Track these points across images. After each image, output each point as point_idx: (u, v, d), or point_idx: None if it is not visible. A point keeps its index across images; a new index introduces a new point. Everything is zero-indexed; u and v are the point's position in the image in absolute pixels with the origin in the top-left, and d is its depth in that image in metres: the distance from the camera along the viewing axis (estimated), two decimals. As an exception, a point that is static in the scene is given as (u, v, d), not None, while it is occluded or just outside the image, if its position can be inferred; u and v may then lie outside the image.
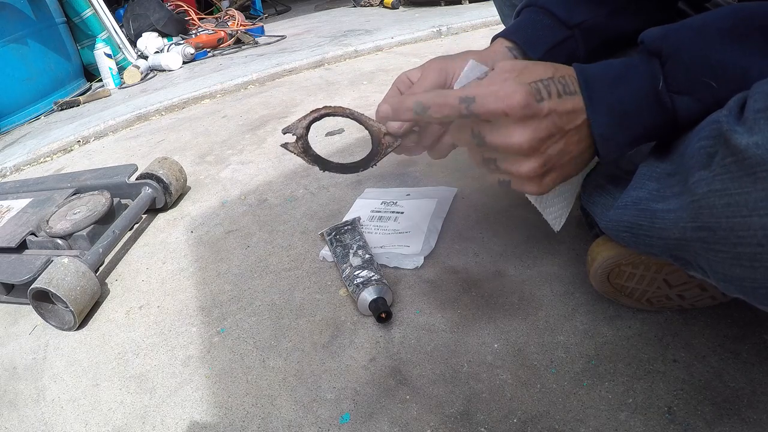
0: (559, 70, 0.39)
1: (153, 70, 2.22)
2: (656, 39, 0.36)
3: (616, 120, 0.38)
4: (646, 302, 0.50)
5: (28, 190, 0.98)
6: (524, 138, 0.37)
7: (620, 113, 0.38)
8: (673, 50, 0.36)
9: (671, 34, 0.36)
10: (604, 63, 0.39)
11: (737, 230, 0.28)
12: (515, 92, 0.36)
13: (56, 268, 0.67)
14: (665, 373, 0.46)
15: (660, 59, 0.36)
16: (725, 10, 0.35)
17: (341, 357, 0.54)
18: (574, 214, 0.69)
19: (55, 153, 1.47)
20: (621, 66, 0.39)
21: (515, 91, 0.36)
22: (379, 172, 0.91)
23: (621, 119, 0.38)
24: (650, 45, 0.37)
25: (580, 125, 0.39)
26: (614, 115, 0.38)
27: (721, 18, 0.35)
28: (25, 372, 0.63)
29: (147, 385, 0.57)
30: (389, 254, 0.66)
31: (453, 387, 0.48)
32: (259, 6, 3.43)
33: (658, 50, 0.36)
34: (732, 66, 0.34)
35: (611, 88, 0.38)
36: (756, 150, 0.27)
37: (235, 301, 0.67)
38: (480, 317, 0.56)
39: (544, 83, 0.37)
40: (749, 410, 0.41)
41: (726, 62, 0.34)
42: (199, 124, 1.44)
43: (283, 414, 0.50)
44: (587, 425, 0.43)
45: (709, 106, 0.34)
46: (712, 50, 0.34)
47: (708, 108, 0.34)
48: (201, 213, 0.92)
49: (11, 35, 1.85)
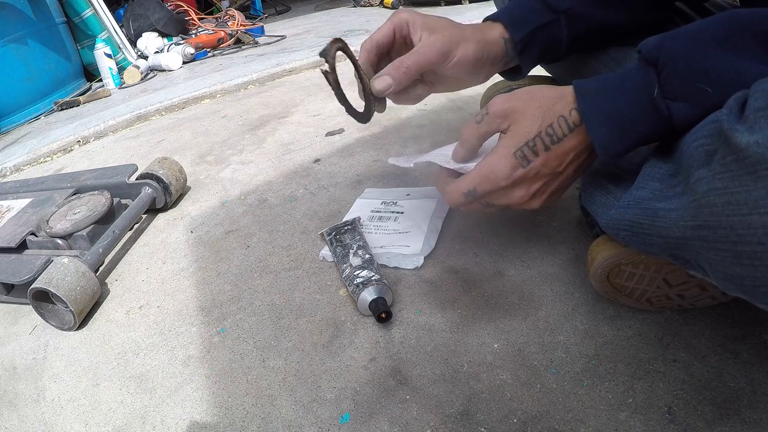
0: (550, 114, 0.42)
1: (153, 70, 2.23)
2: (652, 48, 0.37)
3: (613, 129, 0.40)
4: (646, 302, 0.50)
5: (28, 190, 0.98)
6: (522, 194, 0.45)
7: (617, 122, 0.40)
8: (669, 58, 0.37)
9: (666, 43, 0.37)
10: (603, 76, 0.41)
11: (737, 229, 0.28)
12: (502, 168, 0.44)
13: (56, 268, 0.67)
14: (665, 373, 0.46)
15: (656, 68, 0.37)
16: (720, 17, 0.36)
17: (341, 357, 0.54)
18: (574, 214, 0.69)
19: (55, 153, 1.47)
20: (617, 77, 0.40)
21: (502, 167, 0.44)
22: (380, 172, 0.91)
23: (619, 128, 0.40)
24: (647, 54, 0.38)
25: (578, 154, 0.44)
26: (612, 125, 0.40)
27: (716, 25, 0.36)
28: (25, 372, 0.63)
29: (147, 385, 0.57)
30: (389, 254, 0.66)
31: (453, 387, 0.48)
32: (259, 6, 3.43)
33: (655, 59, 0.37)
34: (727, 71, 0.34)
35: (607, 100, 0.40)
36: (756, 149, 0.27)
37: (235, 301, 0.67)
38: (480, 317, 0.56)
39: (529, 145, 0.43)
40: (749, 410, 0.41)
41: (721, 68, 0.35)
42: (199, 124, 1.44)
43: (283, 414, 0.50)
44: (587, 425, 0.43)
45: (705, 111, 0.35)
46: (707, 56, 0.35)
47: (704, 113, 0.34)
48: (201, 213, 0.92)
49: (11, 35, 1.85)
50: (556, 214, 0.70)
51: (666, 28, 0.58)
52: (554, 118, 0.42)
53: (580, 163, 0.45)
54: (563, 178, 0.46)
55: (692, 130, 0.35)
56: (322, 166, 0.99)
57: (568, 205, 0.71)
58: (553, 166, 0.44)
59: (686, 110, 0.36)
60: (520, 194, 0.45)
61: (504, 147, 0.44)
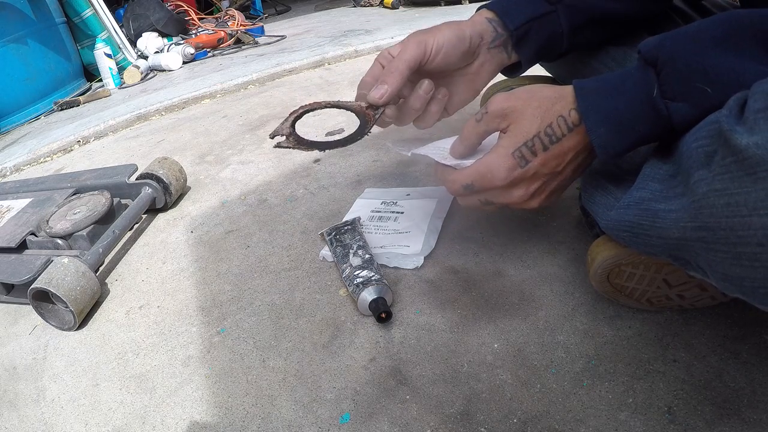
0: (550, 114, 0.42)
1: (153, 70, 2.22)
2: (651, 48, 0.38)
3: (612, 129, 0.40)
4: (646, 302, 0.50)
5: (28, 190, 0.98)
6: (520, 193, 0.45)
7: (616, 122, 0.40)
8: (669, 58, 0.37)
9: (666, 43, 0.37)
10: (602, 76, 0.41)
11: (737, 230, 0.28)
12: (500, 168, 0.44)
13: (56, 268, 0.67)
14: (665, 373, 0.46)
15: (656, 68, 0.38)
16: (719, 17, 0.36)
17: (341, 357, 0.54)
18: (574, 214, 0.69)
19: (55, 153, 1.47)
20: (617, 77, 0.41)
21: (500, 167, 0.44)
22: (380, 172, 0.91)
23: (618, 127, 0.40)
24: (646, 54, 0.38)
25: (576, 154, 0.44)
26: (610, 124, 0.40)
27: (715, 25, 0.36)
28: (25, 372, 0.63)
29: (147, 385, 0.57)
30: (389, 254, 0.66)
31: (453, 387, 0.48)
32: (259, 6, 3.43)
33: (654, 59, 0.38)
34: (726, 71, 0.35)
35: (607, 99, 0.40)
36: (756, 150, 0.27)
37: (235, 301, 0.67)
38: (480, 317, 0.56)
39: (528, 145, 0.43)
40: (749, 410, 0.41)
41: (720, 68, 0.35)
42: (199, 124, 1.44)
43: (283, 414, 0.50)
44: (587, 425, 0.43)
45: (704, 111, 0.35)
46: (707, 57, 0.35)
47: (703, 113, 0.35)
48: (201, 213, 0.92)
49: (11, 35, 1.85)
50: (556, 214, 0.70)
51: (666, 25, 0.58)
52: (553, 118, 0.42)
53: (579, 162, 0.45)
54: (562, 178, 0.46)
55: (692, 131, 0.35)
56: (322, 166, 0.99)
57: (568, 205, 0.71)
58: (552, 166, 0.44)
59: (685, 110, 0.37)
60: (518, 194, 0.45)
61: (503, 147, 0.44)
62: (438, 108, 0.54)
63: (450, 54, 0.51)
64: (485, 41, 0.53)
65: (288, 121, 0.50)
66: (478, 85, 0.56)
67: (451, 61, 0.52)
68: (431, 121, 0.55)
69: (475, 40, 0.52)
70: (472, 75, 0.55)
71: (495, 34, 0.52)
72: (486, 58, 0.54)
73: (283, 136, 0.49)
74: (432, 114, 0.54)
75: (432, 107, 0.54)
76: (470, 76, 0.55)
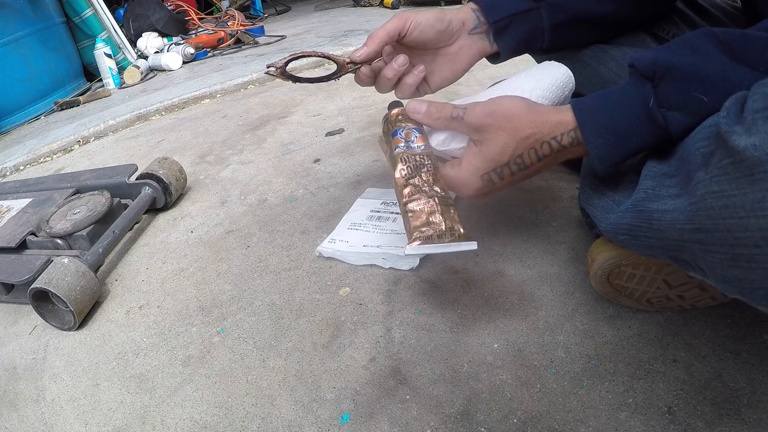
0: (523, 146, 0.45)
1: (153, 70, 2.22)
2: (648, 64, 0.39)
3: (610, 140, 0.41)
4: (646, 303, 0.50)
5: (28, 190, 0.98)
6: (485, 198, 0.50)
7: (614, 133, 0.41)
8: (665, 71, 0.38)
9: (661, 56, 0.38)
10: (599, 92, 0.43)
11: (735, 232, 0.28)
12: (469, 187, 0.49)
13: (56, 268, 0.67)
14: (665, 373, 0.46)
15: (652, 82, 0.39)
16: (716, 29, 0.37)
17: (341, 357, 0.54)
18: (574, 214, 0.69)
19: (55, 153, 1.47)
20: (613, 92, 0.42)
21: (469, 186, 0.49)
22: (380, 172, 0.91)
23: (615, 139, 0.41)
24: (642, 69, 0.39)
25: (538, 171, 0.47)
26: (608, 136, 0.41)
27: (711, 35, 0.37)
28: (25, 372, 0.63)
29: (147, 385, 0.57)
30: (386, 255, 0.66)
31: (453, 387, 0.48)
32: (259, 6, 3.43)
33: (651, 74, 0.39)
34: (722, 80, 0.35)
35: (604, 112, 0.41)
36: (754, 151, 0.27)
37: (235, 301, 0.67)
38: (480, 317, 0.56)
39: (497, 171, 0.47)
40: (749, 410, 0.41)
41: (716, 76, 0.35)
42: (199, 124, 1.44)
43: (283, 414, 0.50)
44: (587, 425, 0.43)
45: (700, 119, 0.36)
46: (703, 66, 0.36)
47: (700, 121, 0.35)
48: (201, 213, 0.92)
49: (11, 35, 1.85)
50: (556, 214, 0.70)
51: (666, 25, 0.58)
52: (525, 150, 0.45)
53: None
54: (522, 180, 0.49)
55: (692, 134, 0.35)
56: (322, 166, 0.99)
57: (568, 205, 0.71)
58: (517, 181, 0.48)
59: (683, 119, 0.38)
60: (483, 198, 0.51)
61: (473, 166, 0.48)
62: (413, 81, 0.58)
63: (426, 31, 0.55)
64: (466, 27, 0.56)
65: (283, 60, 0.56)
66: (458, 67, 0.59)
67: (428, 38, 0.56)
68: (408, 92, 0.59)
69: (455, 24, 0.55)
70: (452, 56, 0.58)
71: (477, 22, 0.56)
72: (466, 42, 0.57)
73: (276, 68, 0.56)
74: (408, 85, 0.58)
75: (408, 79, 0.58)
76: (450, 57, 0.58)
